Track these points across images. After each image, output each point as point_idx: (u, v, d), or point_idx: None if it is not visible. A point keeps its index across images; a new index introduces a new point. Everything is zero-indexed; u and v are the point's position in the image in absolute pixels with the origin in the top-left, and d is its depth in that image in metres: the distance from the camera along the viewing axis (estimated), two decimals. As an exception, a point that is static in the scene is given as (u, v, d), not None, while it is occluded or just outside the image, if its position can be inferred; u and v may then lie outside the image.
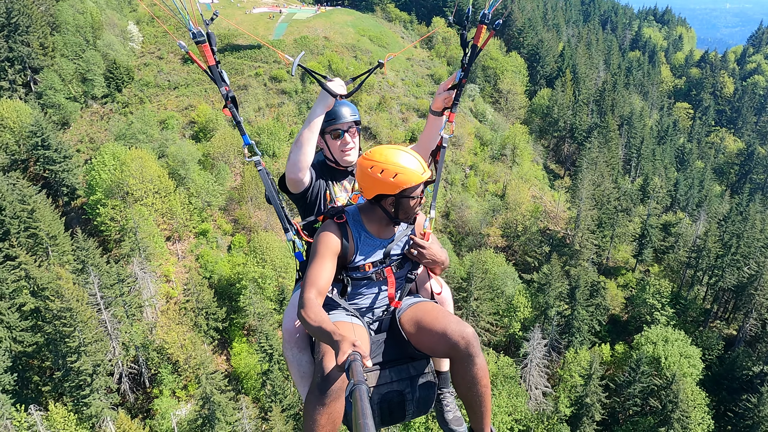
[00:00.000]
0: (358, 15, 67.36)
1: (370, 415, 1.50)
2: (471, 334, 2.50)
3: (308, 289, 2.52)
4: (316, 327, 2.27)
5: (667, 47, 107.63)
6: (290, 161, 2.88)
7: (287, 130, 50.59)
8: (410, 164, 2.61)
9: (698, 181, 63.51)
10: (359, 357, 1.91)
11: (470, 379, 2.55)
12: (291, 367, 2.85)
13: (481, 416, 2.68)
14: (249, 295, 35.93)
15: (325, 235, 2.67)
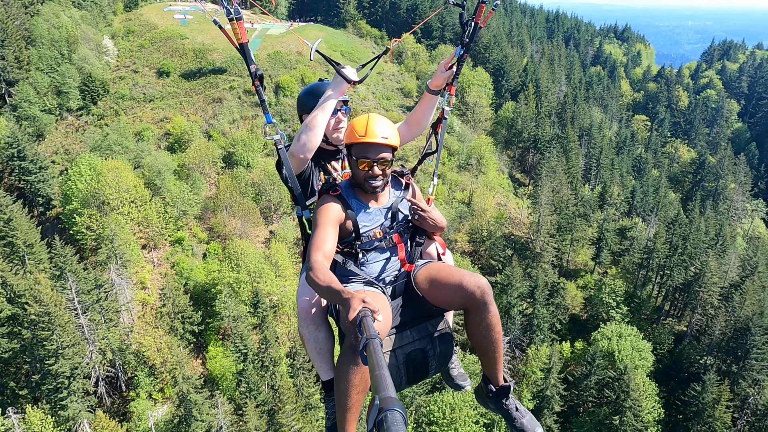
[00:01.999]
0: (331, 31, 69.76)
1: (385, 366, 1.52)
2: (485, 283, 2.64)
3: (314, 252, 2.58)
4: (325, 287, 2.33)
5: (627, 63, 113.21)
6: (300, 142, 2.94)
7: (261, 141, 52.25)
8: (357, 124, 2.78)
9: (654, 188, 67.28)
10: (370, 312, 1.97)
11: (486, 326, 2.70)
12: (308, 344, 2.89)
13: (495, 362, 2.86)
14: (224, 299, 37.22)
15: (325, 206, 2.78)
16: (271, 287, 41.32)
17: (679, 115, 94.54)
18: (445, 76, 3.25)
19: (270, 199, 48.54)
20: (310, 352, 2.94)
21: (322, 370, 2.96)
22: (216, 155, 49.34)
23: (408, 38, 71.59)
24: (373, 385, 1.45)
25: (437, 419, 36.16)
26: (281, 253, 44.43)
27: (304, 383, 34.12)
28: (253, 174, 49.50)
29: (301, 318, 2.92)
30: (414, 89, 63.26)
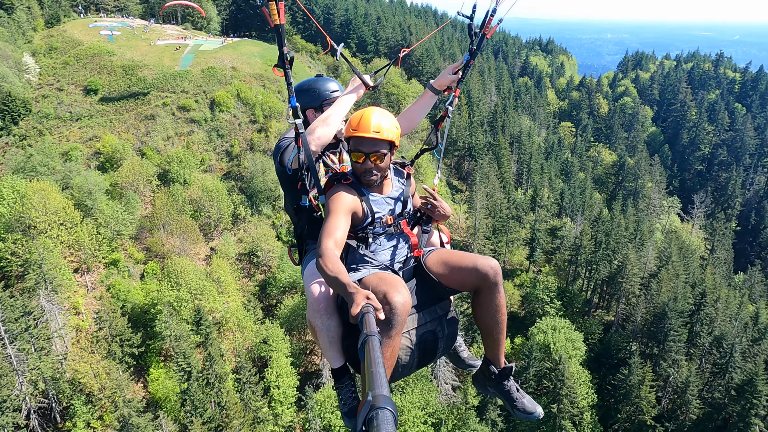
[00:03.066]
0: (266, 46, 69.91)
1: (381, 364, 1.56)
2: (497, 265, 2.77)
3: (326, 239, 2.59)
4: (332, 277, 2.35)
5: (552, 73, 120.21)
6: (315, 135, 3.02)
7: (198, 157, 51.61)
8: (353, 118, 2.88)
9: (580, 190, 71.81)
10: (372, 309, 2.03)
11: (495, 307, 2.81)
12: (320, 334, 2.85)
13: (499, 343, 2.95)
14: (164, 319, 36.43)
15: (339, 194, 2.81)
16: (213, 304, 40.82)
17: (600, 121, 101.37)
18: (451, 78, 3.43)
19: (209, 215, 47.97)
20: (321, 342, 2.88)
21: (334, 358, 2.92)
22: (150, 173, 48.24)
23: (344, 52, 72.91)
24: (368, 382, 1.48)
25: (386, 423, 36.84)
26: (223, 269, 43.99)
27: (251, 397, 33.99)
28: (190, 191, 48.76)
29: (313, 308, 2.85)
30: (351, 102, 64.56)
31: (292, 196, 3.22)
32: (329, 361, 2.95)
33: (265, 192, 51.47)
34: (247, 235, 49.87)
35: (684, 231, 78.15)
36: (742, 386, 38.85)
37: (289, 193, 3.24)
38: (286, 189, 3.25)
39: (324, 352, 2.92)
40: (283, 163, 3.14)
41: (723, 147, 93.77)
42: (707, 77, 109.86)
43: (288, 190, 3.23)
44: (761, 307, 53.07)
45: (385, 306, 2.37)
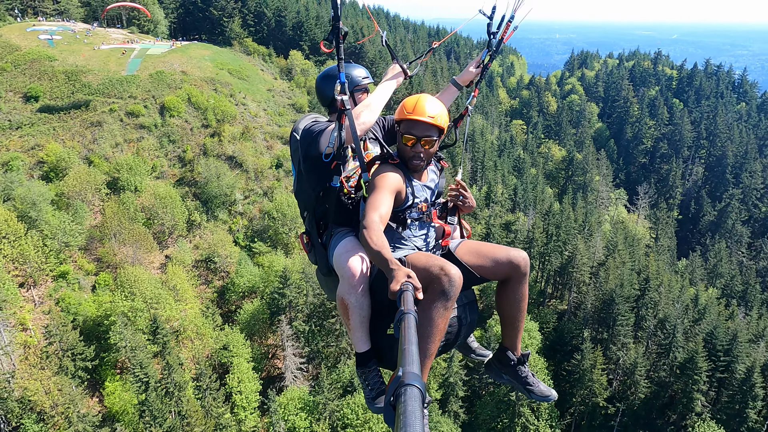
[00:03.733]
0: (216, 49, 68.92)
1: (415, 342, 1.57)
2: (527, 257, 2.91)
3: (371, 212, 2.62)
4: (376, 251, 2.38)
5: (503, 73, 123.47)
6: (361, 120, 3.00)
7: (149, 164, 50.42)
8: (408, 101, 2.99)
9: (533, 185, 74.21)
10: (411, 288, 2.03)
11: (521, 296, 2.94)
12: (352, 312, 2.82)
13: (518, 331, 3.06)
14: (119, 330, 35.53)
15: (387, 173, 2.87)
16: (170, 312, 40.07)
17: (549, 119, 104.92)
18: (474, 73, 3.60)
19: (163, 222, 46.96)
20: (352, 321, 2.85)
21: (362, 341, 2.90)
22: (99, 181, 46.79)
23: (296, 55, 72.79)
24: (400, 358, 1.49)
25: (351, 421, 37.20)
26: (179, 276, 43.23)
27: (212, 404, 33.64)
28: (142, 198, 47.62)
29: (350, 284, 2.81)
30: (305, 104, 64.47)
31: (319, 178, 3.14)
32: (356, 343, 2.91)
33: (221, 197, 50.84)
34: (204, 242, 49.14)
35: (630, 221, 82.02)
36: (685, 364, 41.30)
37: (315, 176, 3.16)
38: (313, 172, 3.16)
39: (352, 332, 2.89)
40: (318, 147, 3.09)
41: (663, 140, 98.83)
42: (647, 74, 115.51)
43: (315, 172, 3.15)
44: (700, 289, 56.47)
45: (443, 277, 2.43)
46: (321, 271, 3.32)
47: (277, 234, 50.81)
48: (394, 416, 1.30)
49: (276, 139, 58.86)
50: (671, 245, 79.77)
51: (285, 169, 56.76)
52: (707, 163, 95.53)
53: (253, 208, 53.15)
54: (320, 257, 3.24)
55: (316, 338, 43.66)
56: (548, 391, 3.12)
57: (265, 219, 51.39)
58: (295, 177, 3.38)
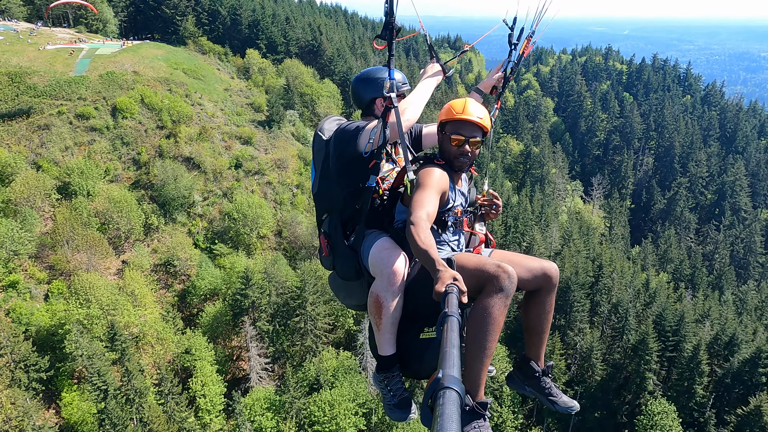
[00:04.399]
0: (170, 49, 67.41)
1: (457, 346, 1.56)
2: (557, 267, 2.95)
3: (419, 209, 2.61)
4: (423, 249, 2.35)
5: (461, 70, 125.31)
6: (405, 117, 2.99)
7: (101, 167, 49.02)
8: (456, 103, 3.04)
9: (492, 179, 75.85)
10: (456, 290, 2.01)
11: (549, 306, 2.95)
12: (385, 312, 2.76)
13: (543, 342, 3.06)
14: (74, 339, 34.56)
15: (436, 171, 2.88)
16: (129, 318, 39.23)
17: (507, 114, 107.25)
18: (495, 79, 3.65)
19: (118, 227, 45.79)
20: (383, 321, 2.77)
21: (389, 343, 2.84)
22: (48, 187, 45.18)
23: (253, 54, 71.94)
24: (440, 360, 1.49)
25: (318, 418, 37.41)
26: (137, 281, 42.33)
27: (175, 408, 33.23)
28: (95, 203, 46.27)
29: (388, 281, 2.75)
30: (264, 104, 63.88)
31: (353, 177, 3.08)
32: (383, 345, 2.85)
33: (179, 199, 49.93)
34: (162, 245, 48.18)
35: (586, 211, 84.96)
36: (637, 346, 43.30)
37: (349, 175, 3.09)
38: (348, 171, 3.10)
39: (381, 333, 2.82)
40: (357, 145, 3.03)
41: (615, 133, 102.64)
42: (599, 69, 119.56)
43: (349, 172, 3.09)
44: (651, 274, 59.16)
45: (502, 274, 2.44)
46: (343, 275, 3.20)
47: (239, 235, 50.34)
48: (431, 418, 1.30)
49: (234, 139, 58.15)
50: (625, 233, 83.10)
51: (245, 169, 56.22)
52: (656, 153, 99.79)
53: (212, 210, 52.43)
54: (345, 260, 3.12)
55: (281, 338, 43.59)
56: (571, 402, 3.10)
57: (225, 220, 50.79)
58: (316, 178, 3.30)
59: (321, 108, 69.39)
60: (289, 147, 61.44)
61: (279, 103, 64.02)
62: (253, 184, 55.79)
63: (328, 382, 40.14)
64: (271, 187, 56.70)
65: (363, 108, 3.50)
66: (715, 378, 43.41)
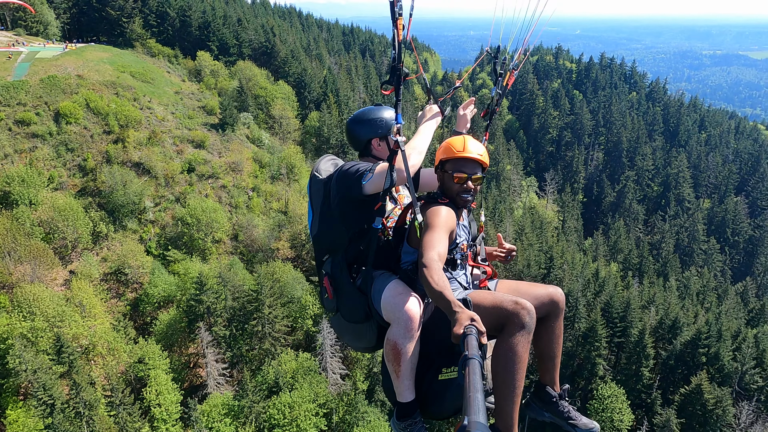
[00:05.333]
0: (117, 51, 65.55)
1: (481, 389, 1.52)
2: (563, 292, 3.01)
3: (430, 251, 2.58)
4: (438, 291, 2.31)
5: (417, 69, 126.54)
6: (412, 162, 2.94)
7: (44, 175, 47.25)
8: (455, 140, 3.05)
9: (449, 177, 77.06)
10: (475, 331, 1.97)
11: (558, 330, 3.00)
12: (404, 359, 2.70)
13: (556, 366, 3.09)
14: (18, 353, 33.26)
15: (443, 210, 2.86)
16: (77, 330, 38.04)
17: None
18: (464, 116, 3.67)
19: (64, 236, 44.27)
20: (402, 368, 2.72)
21: (409, 389, 2.78)
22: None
23: (204, 56, 70.73)
24: (465, 406, 1.45)
25: (278, 421, 37.30)
26: (86, 291, 41.08)
27: (127, 419, 32.49)
28: (39, 212, 44.59)
29: (407, 328, 2.69)
30: (216, 106, 62.94)
31: (358, 219, 3.04)
32: (403, 392, 2.78)
33: (128, 206, 48.66)
34: (112, 253, 46.87)
35: (540, 206, 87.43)
36: (587, 333, 45.03)
37: (354, 217, 3.05)
38: (353, 213, 3.06)
39: (401, 380, 2.76)
40: (364, 188, 2.97)
41: (567, 129, 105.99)
42: (550, 68, 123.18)
43: (354, 214, 3.05)
44: (601, 264, 61.52)
45: (522, 311, 2.48)
46: (351, 318, 3.13)
47: (193, 240, 49.50)
48: None
49: (186, 142, 57.09)
50: (578, 226, 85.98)
51: (198, 173, 55.27)
52: (606, 148, 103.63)
53: (165, 215, 51.33)
54: (353, 302, 3.06)
55: (238, 342, 43.16)
56: (591, 423, 3.10)
57: (178, 225, 49.83)
58: (315, 219, 3.25)
59: (276, 110, 68.93)
60: (244, 150, 60.78)
61: (232, 105, 63.21)
62: (207, 188, 54.93)
63: (288, 384, 40.04)
64: (226, 190, 55.98)
65: (360, 148, 3.52)
66: (660, 360, 45.64)
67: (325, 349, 42.65)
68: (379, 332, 3.06)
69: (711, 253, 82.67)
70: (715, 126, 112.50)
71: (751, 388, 42.56)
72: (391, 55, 2.86)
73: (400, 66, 2.87)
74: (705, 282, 65.99)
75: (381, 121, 3.46)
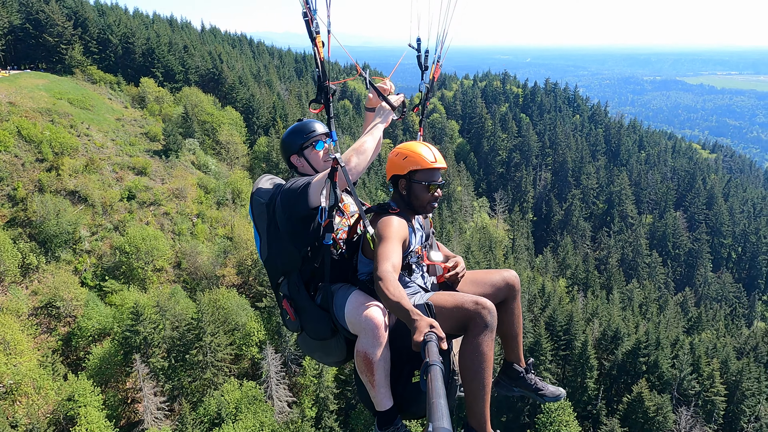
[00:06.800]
0: (54, 78, 63.79)
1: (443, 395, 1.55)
2: (516, 273, 3.13)
3: (384, 263, 2.61)
4: (394, 302, 2.36)
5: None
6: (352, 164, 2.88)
7: (-32, 205, 44.88)
8: (422, 151, 3.06)
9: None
10: (435, 338, 2.00)
11: (518, 310, 3.13)
12: (377, 367, 2.70)
13: (519, 344, 3.23)
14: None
15: (394, 220, 2.88)
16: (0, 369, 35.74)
17: (414, 137, 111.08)
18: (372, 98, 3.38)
19: (-11, 269, 41.93)
20: (377, 377, 2.70)
21: (386, 397, 2.77)
22: None
23: (148, 82, 69.68)
24: (429, 412, 1.46)
25: None
26: (11, 327, 38.76)
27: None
28: (-40, 243, 42.17)
29: (374, 336, 2.66)
30: (159, 132, 61.81)
31: (308, 237, 2.95)
32: (381, 401, 2.77)
33: (62, 236, 46.65)
34: (43, 286, 44.58)
35: (491, 226, 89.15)
36: (532, 347, 45.58)
37: (303, 236, 2.96)
38: (301, 232, 2.96)
39: (377, 389, 2.74)
40: (308, 203, 2.88)
41: (516, 151, 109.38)
42: (498, 93, 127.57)
43: (302, 232, 2.96)
44: (547, 280, 62.94)
45: (483, 311, 2.52)
46: (317, 336, 3.06)
47: (132, 269, 47.73)
48: None
49: (127, 169, 55.59)
50: (528, 244, 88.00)
51: (139, 201, 53.74)
52: (553, 168, 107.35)
53: (102, 245, 49.43)
54: (317, 321, 3.00)
55: (178, 373, 41.46)
56: (557, 390, 3.26)
57: (116, 254, 48.02)
58: (263, 243, 3.15)
59: (223, 136, 68.29)
60: (188, 176, 59.66)
61: (176, 131, 62.22)
62: (149, 215, 53.40)
63: (231, 415, 38.57)
64: (169, 217, 54.55)
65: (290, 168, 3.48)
66: (604, 371, 46.62)
67: (271, 376, 41.51)
68: (348, 345, 3.04)
69: (654, 266, 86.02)
70: (654, 146, 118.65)
71: (689, 394, 43.91)
72: (315, 74, 2.81)
73: (326, 83, 2.84)
74: (647, 293, 68.39)
75: (293, 139, 3.38)
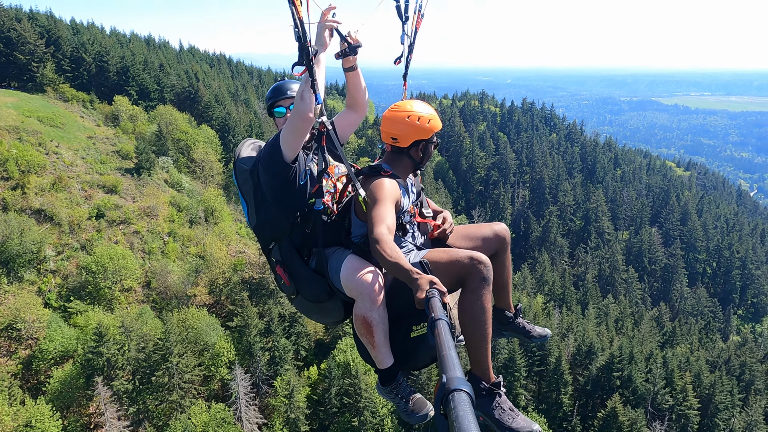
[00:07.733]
0: (24, 96, 62.86)
1: (453, 347, 1.55)
2: (506, 227, 3.24)
3: (379, 225, 2.63)
4: (393, 263, 2.39)
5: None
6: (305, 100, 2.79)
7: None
8: (430, 115, 3.13)
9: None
10: (437, 293, 2.03)
11: (508, 261, 3.24)
12: (376, 329, 2.75)
13: (509, 292, 3.36)
14: None
15: (386, 182, 2.88)
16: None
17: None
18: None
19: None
20: (377, 337, 2.76)
21: (387, 356, 2.84)
22: None
23: (122, 101, 69.03)
24: (441, 365, 1.48)
25: None
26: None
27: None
28: None
29: (371, 299, 2.71)
30: (132, 150, 61.06)
31: (294, 202, 2.98)
32: (382, 359, 2.85)
33: (25, 255, 45.36)
34: (4, 308, 43.09)
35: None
36: (507, 363, 45.29)
37: (289, 201, 2.98)
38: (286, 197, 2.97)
39: (377, 349, 2.81)
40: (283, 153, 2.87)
41: (494, 169, 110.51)
42: (476, 112, 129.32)
43: (287, 197, 2.97)
44: (524, 296, 62.96)
45: (478, 265, 2.57)
46: (313, 299, 3.09)
47: (98, 290, 46.48)
48: (446, 424, 1.27)
49: (97, 187, 54.60)
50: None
51: (108, 219, 52.68)
52: (530, 186, 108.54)
53: (68, 264, 48.16)
54: (313, 285, 3.03)
55: (143, 396, 40.16)
56: (544, 331, 3.44)
57: (83, 274, 46.78)
58: (251, 210, 3.15)
59: (198, 154, 67.74)
60: (160, 194, 58.81)
61: (149, 149, 61.55)
62: (118, 234, 52.32)
63: (194, 441, 37.39)
64: (139, 236, 53.51)
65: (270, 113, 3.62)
66: (578, 386, 46.40)
67: (240, 397, 40.47)
68: (345, 306, 3.08)
69: (631, 282, 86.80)
70: (629, 163, 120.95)
71: (663, 408, 43.85)
72: (296, 34, 2.63)
73: (308, 44, 2.67)
74: (622, 309, 68.75)
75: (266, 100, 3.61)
